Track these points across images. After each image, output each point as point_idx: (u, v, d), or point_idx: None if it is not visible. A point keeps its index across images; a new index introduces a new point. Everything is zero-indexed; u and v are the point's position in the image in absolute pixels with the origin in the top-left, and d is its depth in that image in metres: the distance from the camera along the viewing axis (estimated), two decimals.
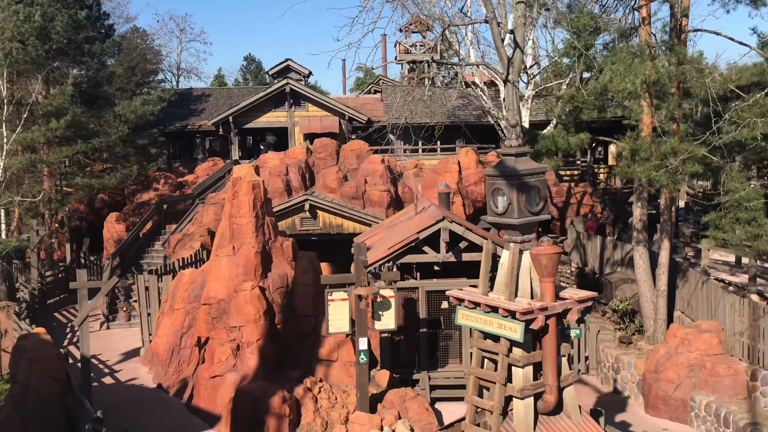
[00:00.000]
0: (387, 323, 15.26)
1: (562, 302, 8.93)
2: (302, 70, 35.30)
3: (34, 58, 26.60)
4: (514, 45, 14.25)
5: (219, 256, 17.36)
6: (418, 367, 17.58)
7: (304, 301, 17.12)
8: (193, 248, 26.13)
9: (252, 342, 16.41)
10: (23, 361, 14.51)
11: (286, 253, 18.08)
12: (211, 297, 17.21)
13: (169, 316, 19.77)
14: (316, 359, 16.64)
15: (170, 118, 35.98)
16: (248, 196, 17.45)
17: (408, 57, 46.43)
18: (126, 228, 29.51)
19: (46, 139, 25.88)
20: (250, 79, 77.86)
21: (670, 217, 17.46)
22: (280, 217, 27.18)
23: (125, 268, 28.22)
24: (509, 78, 14.28)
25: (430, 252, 17.22)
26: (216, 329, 16.77)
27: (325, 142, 31.26)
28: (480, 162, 30.98)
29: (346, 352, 16.62)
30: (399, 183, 30.84)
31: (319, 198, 28.61)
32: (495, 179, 9.01)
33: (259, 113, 34.50)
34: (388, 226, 21.01)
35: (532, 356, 8.92)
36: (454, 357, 18.11)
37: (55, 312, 28.30)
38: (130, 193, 33.14)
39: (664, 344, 16.75)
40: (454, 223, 16.87)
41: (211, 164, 33.81)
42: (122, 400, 17.55)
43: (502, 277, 9.14)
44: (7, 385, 22.08)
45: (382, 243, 18.16)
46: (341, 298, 14.98)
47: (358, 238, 23.34)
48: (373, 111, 35.96)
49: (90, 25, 31.59)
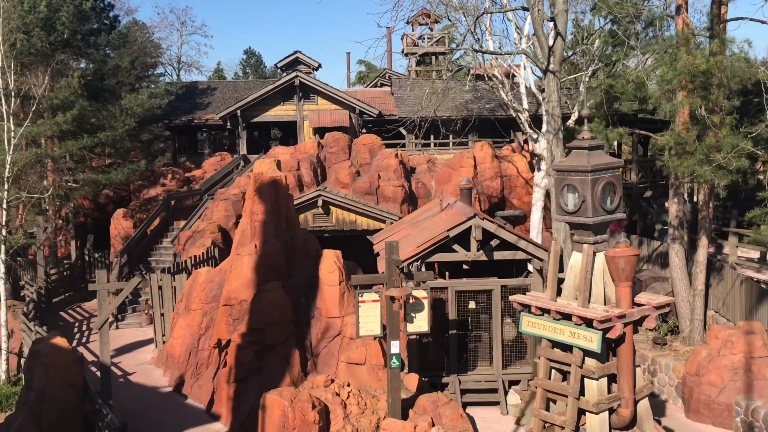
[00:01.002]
0: (420, 326, 14.55)
1: (640, 309, 8.23)
2: (311, 63, 34.53)
3: (39, 49, 25.78)
4: (555, 33, 13.54)
5: (240, 255, 16.63)
6: (447, 370, 16.90)
7: (329, 302, 16.40)
8: (204, 245, 25.37)
9: (276, 345, 15.72)
10: (39, 367, 13.79)
11: (309, 251, 17.37)
12: (232, 297, 16.48)
13: (184, 317, 19.05)
14: (343, 362, 15.92)
15: (175, 111, 35.13)
16: (270, 193, 16.73)
17: (415, 50, 45.65)
18: (133, 225, 28.71)
19: (53, 133, 25.05)
20: (250, 72, 76.96)
21: (708, 213, 16.78)
22: None
23: (133, 266, 27.47)
24: (550, 67, 13.55)
25: (460, 250, 16.53)
26: (238, 331, 16.04)
27: (337, 136, 30.52)
28: (495, 156, 30.32)
29: (374, 355, 15.91)
30: (412, 178, 30.14)
31: (332, 194, 27.87)
32: (566, 174, 8.30)
33: (268, 107, 33.70)
34: (410, 223, 20.30)
35: (607, 367, 8.23)
36: (483, 359, 17.43)
37: (61, 311, 27.55)
38: (135, 188, 32.32)
39: (705, 346, 16.09)
40: (486, 221, 16.17)
41: (218, 159, 33.01)
42: (139, 406, 16.82)
43: (572, 281, 8.43)
44: (15, 388, 21.41)
45: (409, 241, 17.45)
46: (372, 299, 14.25)
47: (377, 235, 22.66)
48: (383, 105, 35.19)
49: (94, 16, 30.77)
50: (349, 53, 54.63)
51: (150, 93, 30.85)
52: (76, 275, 30.73)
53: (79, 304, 28.96)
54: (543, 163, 24.66)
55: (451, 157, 32.70)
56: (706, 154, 13.99)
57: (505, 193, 29.98)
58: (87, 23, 29.33)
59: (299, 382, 15.54)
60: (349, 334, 15.97)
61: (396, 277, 14.21)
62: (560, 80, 24.72)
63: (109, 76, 29.98)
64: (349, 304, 16.44)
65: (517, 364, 17.44)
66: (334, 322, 16.32)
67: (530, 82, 24.49)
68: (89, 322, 25.88)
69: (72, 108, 25.74)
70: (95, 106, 28.93)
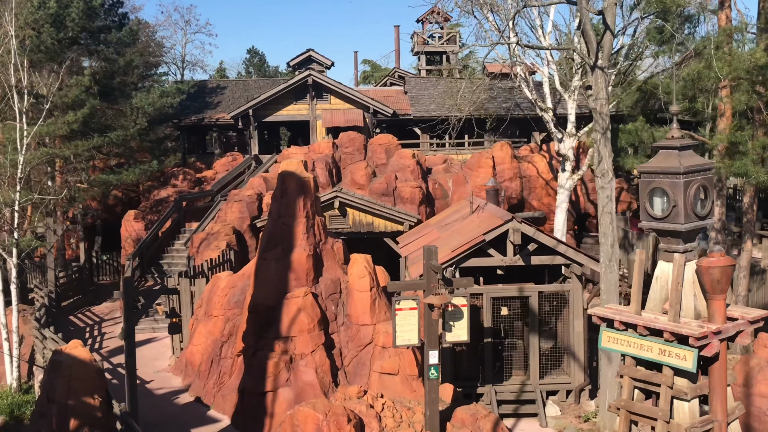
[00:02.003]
0: (459, 335, 13.84)
1: (735, 324, 7.57)
2: (324, 61, 33.85)
3: (48, 47, 25.04)
4: (604, 27, 12.87)
5: (267, 260, 15.92)
6: (482, 380, 16.23)
7: (360, 309, 15.69)
8: (219, 248, 24.65)
9: (306, 354, 15.02)
10: (61, 379, 13.06)
11: (338, 255, 16.68)
12: (259, 304, 15.77)
13: (204, 323, 18.36)
14: (376, 372, 15.21)
15: (185, 111, 34.40)
16: (298, 195, 16.02)
17: (426, 48, 45.02)
18: (144, 226, 27.99)
19: (63, 132, 24.32)
20: (253, 72, 76.19)
21: (753, 216, 16.12)
22: None
23: (144, 268, 26.77)
24: (599, 63, 12.87)
25: (496, 255, 15.86)
26: (265, 339, 15.35)
27: (353, 136, 29.85)
28: (515, 157, 29.66)
29: (407, 364, 15.20)
30: (429, 179, 29.47)
31: (349, 195, 27.17)
32: (654, 177, 7.62)
33: (280, 106, 33.00)
34: (437, 225, 19.61)
35: (699, 387, 7.55)
36: (518, 368, 16.78)
37: (71, 315, 26.82)
38: (145, 189, 31.59)
39: (752, 356, 15.39)
40: (524, 224, 15.49)
41: (230, 159, 32.30)
42: (160, 416, 16.12)
43: (658, 294, 7.76)
44: (27, 396, 20.68)
45: (440, 245, 16.71)
46: (409, 307, 13.55)
47: (401, 238, 21.99)
48: (396, 104, 34.50)
49: (103, 13, 30.04)
50: (356, 52, 54.11)
51: (161, 92, 30.11)
52: (84, 278, 30.01)
53: (88, 307, 28.23)
54: (568, 164, 24.00)
55: (466, 157, 32.07)
56: (759, 154, 13.33)
57: (524, 194, 29.34)
58: (96, 20, 28.58)
59: (330, 394, 14.85)
60: (381, 342, 15.28)
61: (435, 284, 13.52)
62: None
63: (119, 74, 29.24)
64: (381, 311, 15.75)
65: (553, 373, 16.78)
66: (365, 329, 15.62)
67: (555, 80, 23.76)
68: (100, 327, 25.18)
69: (83, 107, 25.02)
70: (105, 105, 28.19)
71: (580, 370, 16.28)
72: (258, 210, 27.22)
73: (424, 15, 46.26)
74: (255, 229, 26.71)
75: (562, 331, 16.78)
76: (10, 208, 20.13)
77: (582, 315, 16.12)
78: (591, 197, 30.48)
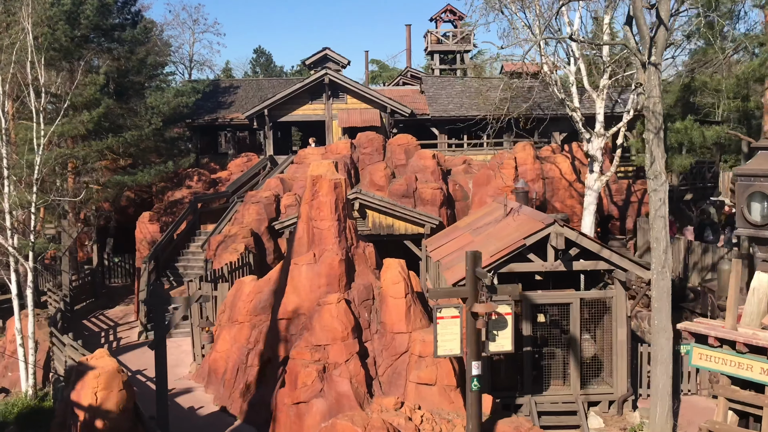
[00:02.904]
0: (503, 344, 13.19)
1: None
2: (341, 60, 33.20)
3: (63, 44, 24.43)
4: (657, 22, 12.25)
5: (298, 265, 15.29)
6: (520, 390, 15.58)
7: (395, 316, 15.04)
8: (237, 251, 24.03)
9: (340, 363, 14.38)
10: (86, 390, 12.45)
11: (369, 260, 16.05)
12: (290, 311, 15.16)
13: (228, 330, 17.74)
14: (412, 383, 14.56)
15: (198, 110, 33.77)
16: (330, 197, 15.40)
17: (439, 47, 44.39)
18: (159, 228, 27.36)
19: (78, 132, 23.72)
20: (260, 72, 75.60)
21: None
22: None
23: (159, 271, 26.12)
24: (652, 59, 12.24)
25: (536, 260, 15.22)
26: (296, 348, 14.71)
27: (372, 136, 29.21)
28: (537, 157, 29.02)
29: (445, 374, 14.55)
30: (449, 180, 28.82)
31: (369, 196, 26.51)
32: (753, 180, 6.98)
33: (295, 106, 32.34)
34: (469, 228, 18.96)
35: None
36: (556, 378, 16.12)
37: (84, 319, 26.21)
38: (158, 190, 30.95)
39: None
40: (567, 228, 14.85)
41: (245, 160, 31.66)
42: (186, 428, 15.49)
43: (755, 307, 7.12)
44: (44, 402, 20.06)
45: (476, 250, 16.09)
46: (451, 315, 12.91)
47: (429, 240, 21.36)
48: (413, 103, 33.85)
49: (116, 10, 29.45)
50: (367, 51, 53.07)
51: (176, 91, 29.50)
52: (97, 281, 29.42)
53: (101, 311, 27.64)
54: (596, 165, 23.36)
55: (486, 157, 31.42)
56: None
57: (546, 195, 28.68)
58: (109, 17, 27.99)
59: (366, 405, 14.22)
60: (418, 351, 14.62)
61: (479, 291, 12.88)
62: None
63: (132, 73, 28.63)
64: (416, 318, 15.11)
65: (593, 383, 16.13)
66: (401, 338, 14.97)
67: (584, 79, 23.12)
68: (115, 332, 24.58)
69: (98, 106, 24.43)
70: (118, 104, 27.58)
71: (623, 380, 15.64)
72: (276, 212, 26.61)
73: (438, 14, 45.64)
74: (273, 232, 26.09)
75: (602, 339, 16.14)
76: (26, 210, 19.54)
77: (626, 323, 15.48)
78: (614, 198, 29.83)
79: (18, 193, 19.16)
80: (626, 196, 29.97)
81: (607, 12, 22.74)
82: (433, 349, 14.67)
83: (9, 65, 20.14)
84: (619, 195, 29.87)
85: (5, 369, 23.09)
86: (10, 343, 23.22)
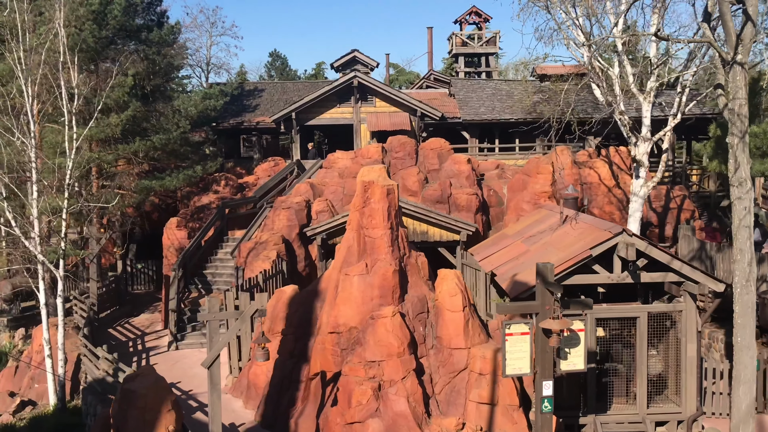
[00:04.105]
0: (575, 363, 12.36)
1: None
2: (369, 62, 32.44)
3: (90, 45, 23.74)
4: (745, 18, 11.40)
5: (349, 275, 14.47)
6: (584, 409, 14.71)
7: (452, 330, 14.21)
8: (269, 258, 23.23)
9: (396, 381, 13.56)
10: (135, 411, 11.67)
11: (422, 270, 15.23)
12: (341, 324, 14.34)
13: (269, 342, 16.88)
14: (473, 402, 13.72)
15: (223, 114, 33.05)
16: (382, 204, 14.59)
17: (464, 50, 43.61)
18: (187, 235, 26.60)
19: (105, 135, 23.02)
20: (275, 75, 75.03)
21: None
22: None
23: (187, 279, 25.37)
24: (738, 58, 11.40)
25: (602, 272, 14.36)
26: (349, 364, 13.89)
27: (404, 140, 28.41)
28: (575, 162, 28.15)
29: (507, 393, 13.73)
30: (483, 185, 27.98)
31: (402, 202, 25.64)
32: None
33: (323, 109, 31.56)
34: (520, 237, 18.10)
35: None
36: (618, 396, 15.24)
37: (110, 328, 25.43)
38: (183, 195, 30.22)
39: None
40: (635, 237, 13.99)
41: (272, 164, 30.91)
42: None
43: None
44: (73, 418, 19.29)
45: (533, 260, 15.25)
46: (521, 331, 12.08)
47: (475, 249, 20.51)
48: (442, 107, 33.04)
49: (141, 10, 28.78)
50: (388, 54, 52.47)
51: (204, 93, 28.78)
52: (121, 288, 28.70)
53: (126, 319, 26.87)
54: (642, 170, 22.47)
55: (516, 162, 30.59)
56: None
57: (584, 202, 27.78)
58: (136, 17, 27.32)
59: (424, 426, 13.39)
60: (478, 368, 13.79)
61: (551, 306, 12.03)
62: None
63: (159, 75, 27.93)
64: (475, 333, 14.27)
65: (657, 401, 15.25)
66: (459, 354, 14.12)
67: (630, 80, 22.24)
68: (143, 341, 23.79)
69: (126, 108, 23.73)
70: (145, 107, 26.88)
71: (693, 399, 14.76)
72: (307, 218, 25.82)
73: (462, 16, 44.90)
74: (304, 238, 25.30)
75: (668, 354, 15.25)
76: (56, 215, 18.84)
77: (695, 338, 14.60)
78: (653, 205, 28.92)
79: (49, 198, 18.45)
80: (665, 202, 29.05)
81: (655, 11, 21.87)
82: (492, 366, 13.92)
83: (38, 67, 19.49)
84: (658, 201, 28.95)
85: (31, 380, 22.37)
86: (36, 354, 22.50)
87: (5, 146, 18.43)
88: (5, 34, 19.44)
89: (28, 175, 18.94)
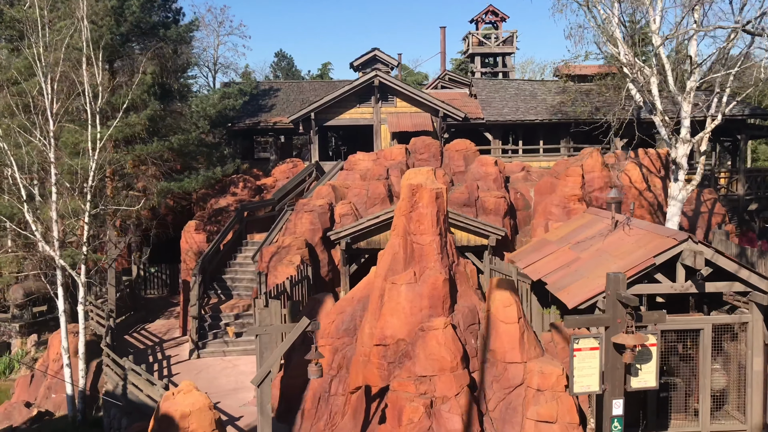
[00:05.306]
0: (647, 380, 11.58)
1: None
2: (390, 61, 31.67)
3: (108, 42, 22.89)
4: None
5: (396, 284, 13.62)
6: (644, 426, 13.86)
7: (507, 344, 13.37)
8: (292, 263, 22.38)
9: (449, 397, 12.72)
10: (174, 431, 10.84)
11: (471, 279, 14.40)
12: (388, 336, 13.49)
13: (303, 352, 16.04)
14: (531, 420, 12.89)
15: (239, 114, 32.19)
16: (431, 208, 13.76)
17: (480, 49, 42.83)
18: (206, 238, 25.75)
19: (125, 135, 22.18)
20: (281, 76, 74.24)
21: None
22: (384, 227, 23.59)
23: (206, 284, 24.52)
24: None
25: (665, 281, 13.52)
26: (398, 378, 13.06)
27: (428, 142, 27.59)
28: (605, 165, 27.32)
29: (566, 411, 12.89)
30: (509, 188, 27.16)
31: None
32: None
33: (343, 109, 30.73)
34: (565, 242, 17.26)
35: None
36: (677, 412, 14.39)
37: (126, 335, 24.58)
38: (198, 198, 29.36)
39: None
40: (702, 245, 13.16)
41: (290, 166, 30.05)
42: None
43: None
44: (95, 431, 18.42)
45: (588, 269, 14.44)
46: (590, 346, 11.27)
47: (515, 255, 19.65)
48: (464, 107, 32.24)
49: (158, 7, 27.95)
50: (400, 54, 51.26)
51: (222, 93, 27.94)
52: (136, 293, 27.86)
53: (142, 325, 26.08)
54: (681, 173, 21.69)
55: (542, 164, 29.80)
56: None
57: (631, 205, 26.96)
58: (152, 14, 26.50)
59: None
60: (535, 384, 12.96)
61: (624, 319, 11.21)
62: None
63: (175, 73, 27.10)
64: (530, 346, 13.44)
65: (718, 417, 14.41)
66: (515, 368, 13.29)
67: (669, 81, 21.44)
68: (162, 349, 22.95)
69: (145, 108, 22.89)
70: (164, 106, 26.04)
71: (759, 415, 13.92)
72: (330, 221, 24.98)
73: (479, 15, 44.13)
74: (327, 242, 24.47)
75: (730, 368, 14.42)
76: (78, 218, 17.99)
77: (762, 350, 13.77)
78: (684, 209, 28.11)
79: (70, 200, 17.60)
80: (695, 206, 28.24)
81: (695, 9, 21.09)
82: (551, 381, 13.11)
83: (57, 64, 18.65)
84: (688, 205, 28.14)
85: (48, 390, 21.49)
86: (53, 362, 21.64)
87: (24, 145, 17.58)
88: (24, 29, 18.60)
89: (47, 177, 18.10)
